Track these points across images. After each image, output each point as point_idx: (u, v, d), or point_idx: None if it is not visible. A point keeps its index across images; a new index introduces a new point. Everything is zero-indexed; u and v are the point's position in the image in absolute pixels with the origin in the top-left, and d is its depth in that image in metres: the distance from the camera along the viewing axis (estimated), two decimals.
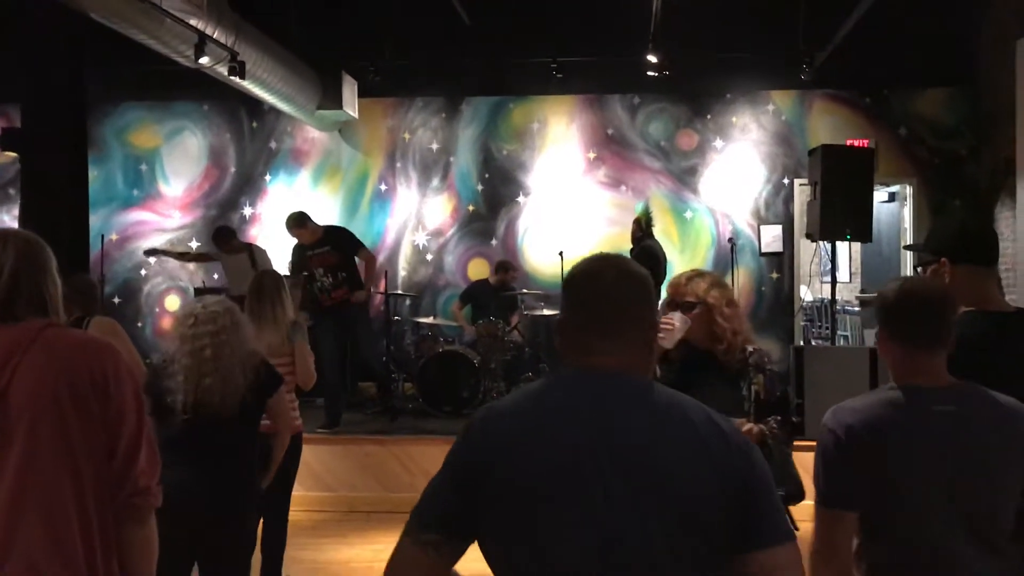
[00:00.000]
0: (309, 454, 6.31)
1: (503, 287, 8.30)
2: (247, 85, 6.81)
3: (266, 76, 6.83)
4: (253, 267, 7.59)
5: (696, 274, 2.86)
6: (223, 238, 7.78)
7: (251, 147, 9.56)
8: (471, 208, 9.31)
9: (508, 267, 8.40)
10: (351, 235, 7.13)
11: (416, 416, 7.38)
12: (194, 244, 9.44)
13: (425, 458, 6.24)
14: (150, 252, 8.24)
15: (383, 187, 9.39)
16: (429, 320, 8.21)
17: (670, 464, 1.38)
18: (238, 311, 3.26)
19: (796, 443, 2.77)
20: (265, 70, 6.79)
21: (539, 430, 1.42)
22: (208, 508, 3.02)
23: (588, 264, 1.55)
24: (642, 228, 7.67)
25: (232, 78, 6.50)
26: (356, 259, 7.02)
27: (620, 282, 1.51)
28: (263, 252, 7.93)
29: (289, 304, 4.13)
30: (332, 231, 7.07)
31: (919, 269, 2.42)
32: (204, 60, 5.75)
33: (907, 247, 7.06)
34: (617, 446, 1.39)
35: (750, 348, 2.77)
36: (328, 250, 6.82)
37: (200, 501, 2.99)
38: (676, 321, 2.70)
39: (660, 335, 2.71)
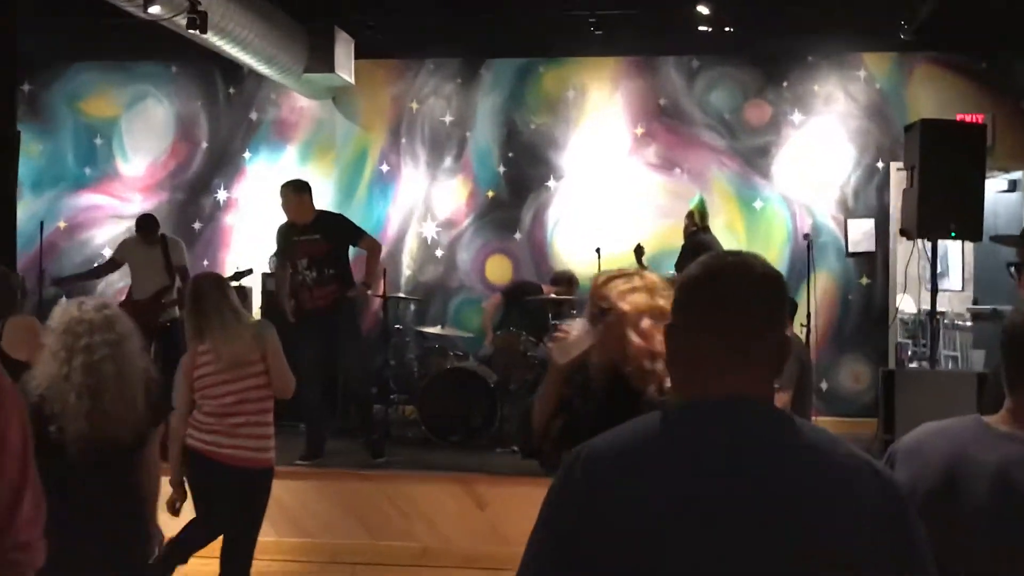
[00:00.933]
0: (284, 492, 6.28)
1: (560, 303, 7.98)
2: (215, 42, 6.81)
3: (239, 31, 6.83)
4: (167, 265, 7.64)
5: (620, 273, 2.70)
6: (150, 230, 7.82)
7: (227, 118, 9.61)
8: (491, 194, 9.29)
9: (571, 280, 8.23)
10: (348, 223, 7.11)
11: (417, 446, 7.36)
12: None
13: (426, 499, 6.20)
14: (57, 282, 8.29)
15: (385, 167, 9.38)
16: (437, 330, 8.19)
17: (817, 519, 1.41)
18: (124, 315, 3.20)
19: None
20: (237, 24, 6.78)
21: (663, 477, 1.44)
22: (103, 569, 2.97)
23: (713, 263, 1.58)
24: (696, 221, 7.60)
25: (197, 34, 6.49)
26: (352, 252, 7.01)
27: (756, 285, 1.53)
28: (178, 245, 7.93)
29: (239, 304, 4.13)
30: (325, 216, 7.07)
31: (1012, 270, 2.30)
32: (155, 10, 5.76)
33: (995, 239, 6.88)
34: (755, 494, 1.41)
35: None
36: (318, 238, 6.80)
37: (95, 560, 2.94)
38: (574, 331, 2.58)
39: (551, 347, 2.67)
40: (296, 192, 6.86)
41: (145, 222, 7.91)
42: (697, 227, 7.65)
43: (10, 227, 5.26)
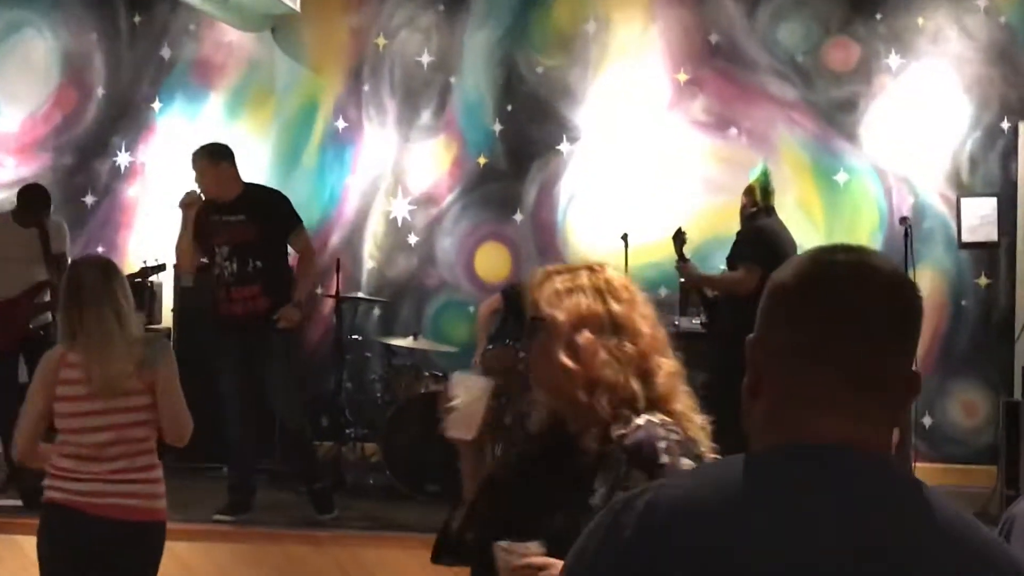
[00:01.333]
0: (198, 556, 6.27)
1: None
2: None
3: None
4: (45, 251, 7.51)
5: (564, 269, 2.65)
6: (34, 207, 7.59)
7: (131, 56, 9.60)
8: (483, 161, 9.27)
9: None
10: (286, 206, 7.06)
11: (380, 498, 7.34)
12: None
13: (388, 571, 6.15)
14: None
15: (341, 123, 9.37)
16: (408, 343, 8.16)
17: None
18: None
19: None
20: None
21: (747, 542, 1.42)
22: None
23: (820, 261, 1.55)
24: (756, 200, 7.55)
25: None
26: (286, 245, 6.97)
27: (883, 297, 1.51)
28: (61, 228, 7.75)
29: (131, 310, 4.06)
30: (256, 191, 7.09)
31: None
32: None
33: None
34: (863, 568, 1.40)
35: (636, 421, 2.44)
36: (243, 220, 6.79)
37: None
38: (460, 390, 2.68)
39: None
40: (212, 160, 6.87)
41: (32, 196, 7.76)
42: (758, 207, 7.60)
43: None
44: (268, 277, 6.73)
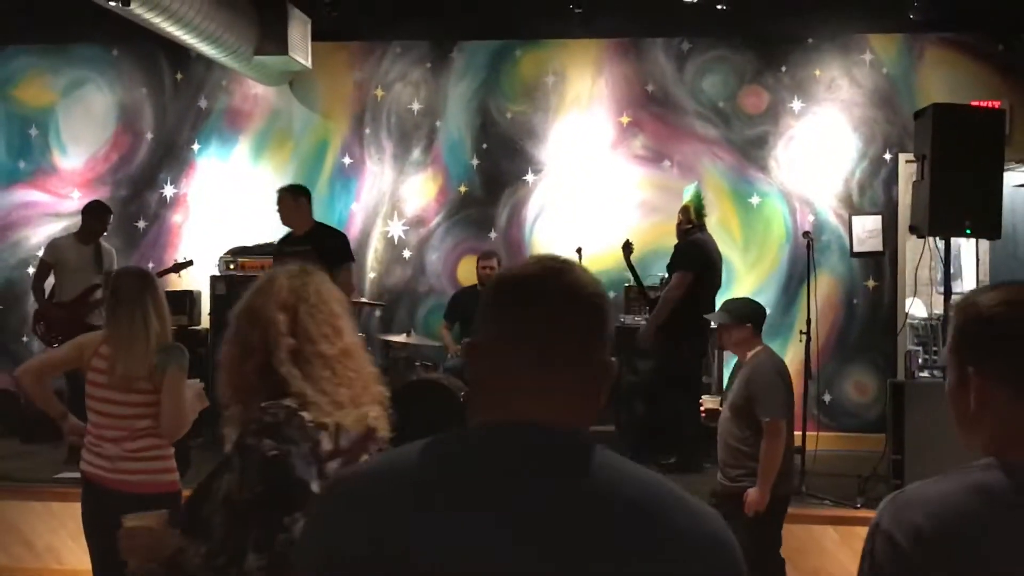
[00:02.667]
0: None
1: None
2: (151, 19, 6.54)
3: (178, 8, 6.55)
4: (97, 268, 7.52)
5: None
6: (101, 217, 7.74)
7: (174, 106, 9.36)
8: (463, 189, 9.09)
9: (488, 256, 8.22)
10: (344, 245, 7.03)
11: None
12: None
13: None
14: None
15: (347, 160, 9.16)
16: (403, 338, 7.96)
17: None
18: None
19: None
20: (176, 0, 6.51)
21: (422, 510, 1.29)
22: None
23: (521, 269, 1.45)
24: (691, 218, 7.37)
25: (139, 14, 6.24)
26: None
27: (565, 296, 1.40)
28: (111, 254, 7.85)
29: (160, 317, 3.81)
30: (323, 229, 7.07)
31: None
32: None
33: None
34: (530, 535, 1.25)
35: (287, 403, 2.25)
36: (308, 250, 6.74)
37: None
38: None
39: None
40: (293, 195, 6.89)
41: (96, 210, 7.76)
42: (693, 224, 7.42)
43: None
44: None
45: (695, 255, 7.27)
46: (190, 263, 8.15)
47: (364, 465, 1.45)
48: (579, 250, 7.82)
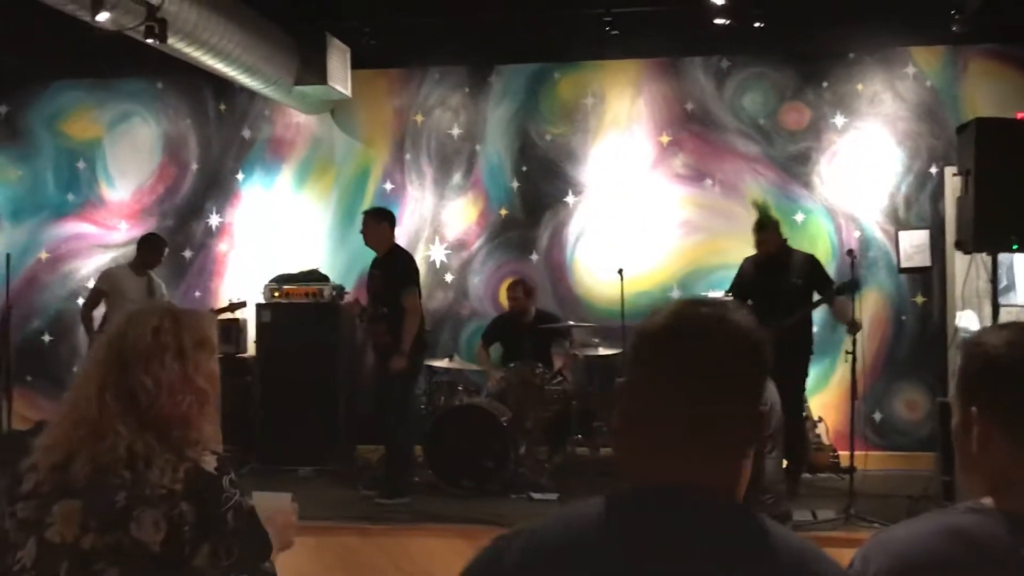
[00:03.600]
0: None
1: (521, 315, 8.14)
2: (192, 53, 6.65)
3: (215, 40, 6.65)
4: (150, 296, 7.71)
5: None
6: (158, 249, 8.01)
7: (218, 137, 9.48)
8: (504, 212, 9.10)
9: (514, 287, 8.24)
10: (407, 265, 7.26)
11: (423, 493, 7.12)
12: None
13: (431, 557, 5.95)
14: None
15: (388, 186, 9.21)
16: (445, 363, 7.98)
17: None
18: None
19: None
20: (214, 34, 6.60)
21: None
22: None
23: (681, 313, 1.41)
24: (783, 232, 7.36)
25: (182, 48, 6.34)
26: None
27: (721, 345, 1.36)
28: (160, 285, 8.10)
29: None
30: (395, 251, 7.31)
31: None
32: (104, 17, 5.57)
33: None
34: None
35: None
36: (379, 274, 7.18)
37: None
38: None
39: None
40: (376, 219, 7.22)
41: (151, 243, 8.03)
42: (785, 237, 7.38)
43: None
44: (390, 320, 6.99)
45: (820, 278, 7.29)
46: (243, 304, 8.33)
47: (541, 529, 1.38)
48: (621, 271, 7.78)
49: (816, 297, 7.19)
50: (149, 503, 2.09)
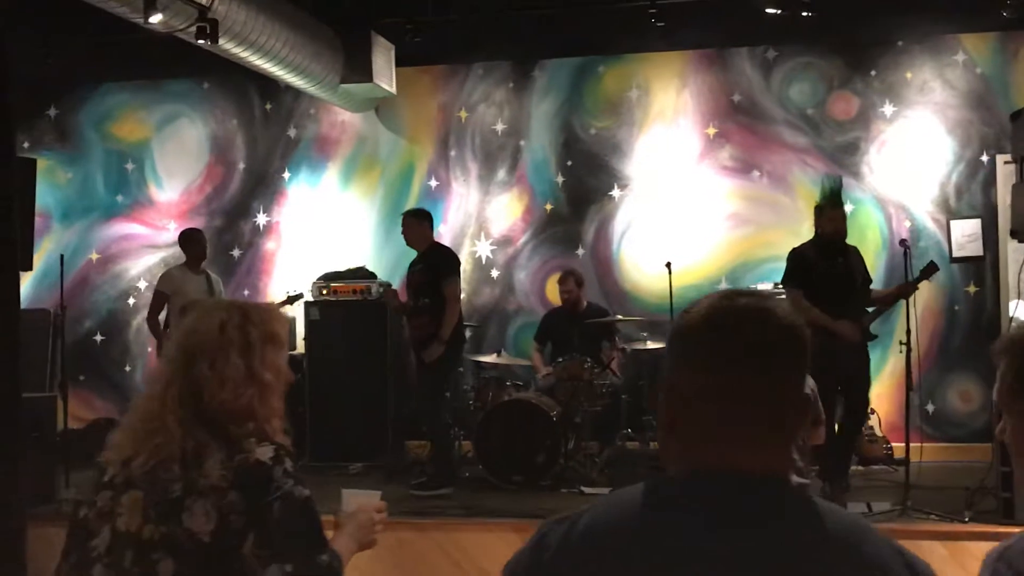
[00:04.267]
0: None
1: (573, 307, 8.15)
2: (239, 53, 6.71)
3: (265, 41, 6.71)
4: (210, 294, 7.81)
5: None
6: (198, 241, 8.01)
7: (265, 136, 9.55)
8: (549, 207, 9.09)
9: (565, 280, 8.25)
10: (450, 259, 7.39)
11: (474, 488, 7.12)
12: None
13: (483, 551, 5.93)
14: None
15: (433, 183, 9.23)
16: (493, 359, 7.98)
17: None
18: None
19: (1002, 529, 2.29)
20: (263, 34, 6.66)
21: (647, 561, 1.31)
22: None
23: (720, 306, 1.42)
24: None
25: (229, 48, 6.40)
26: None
27: (783, 337, 1.38)
28: (218, 280, 8.18)
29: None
30: (435, 247, 7.45)
31: None
32: (156, 19, 5.63)
33: None
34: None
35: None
36: (421, 268, 7.27)
37: None
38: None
39: None
40: (416, 219, 7.37)
41: (192, 238, 8.06)
42: None
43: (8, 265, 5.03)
44: (432, 311, 7.08)
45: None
46: (301, 296, 8.38)
47: (586, 514, 1.40)
48: (668, 265, 7.75)
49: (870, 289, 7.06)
50: (201, 493, 2.14)
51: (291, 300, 8.29)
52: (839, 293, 6.58)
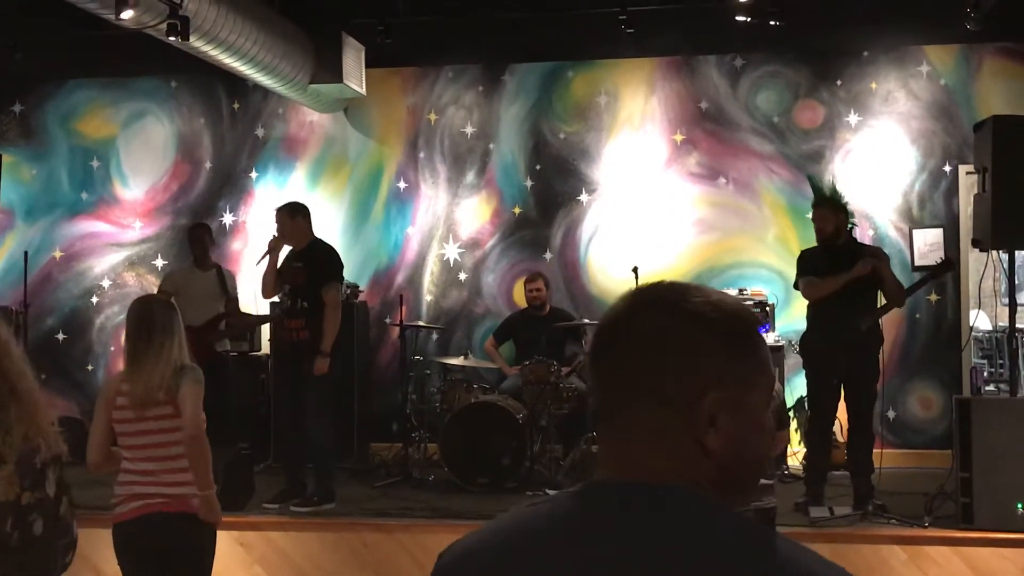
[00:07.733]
0: (291, 543, 6.07)
1: (538, 308, 8.23)
2: (209, 51, 6.68)
3: (234, 40, 6.68)
4: (223, 293, 7.77)
5: None
6: (207, 239, 8.11)
7: (232, 135, 9.50)
8: (517, 211, 9.11)
9: (534, 279, 8.34)
10: (330, 260, 6.94)
11: (440, 491, 7.12)
12: (159, 262, 9.40)
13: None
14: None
15: (402, 185, 9.23)
16: (460, 361, 7.99)
17: None
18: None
19: (961, 534, 2.33)
20: (232, 32, 6.63)
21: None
22: None
23: (615, 304, 1.31)
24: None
25: (198, 47, 6.37)
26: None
27: (651, 326, 1.24)
28: (232, 275, 8.16)
29: (182, 346, 4.01)
30: (317, 245, 7.03)
31: None
32: (128, 15, 5.60)
33: None
34: None
35: None
36: (300, 267, 6.82)
37: None
38: None
39: None
40: (290, 214, 6.92)
41: (198, 233, 8.16)
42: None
43: None
44: (310, 315, 6.67)
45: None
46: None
47: (484, 528, 1.33)
48: (635, 269, 7.80)
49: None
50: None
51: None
52: (853, 299, 6.57)
